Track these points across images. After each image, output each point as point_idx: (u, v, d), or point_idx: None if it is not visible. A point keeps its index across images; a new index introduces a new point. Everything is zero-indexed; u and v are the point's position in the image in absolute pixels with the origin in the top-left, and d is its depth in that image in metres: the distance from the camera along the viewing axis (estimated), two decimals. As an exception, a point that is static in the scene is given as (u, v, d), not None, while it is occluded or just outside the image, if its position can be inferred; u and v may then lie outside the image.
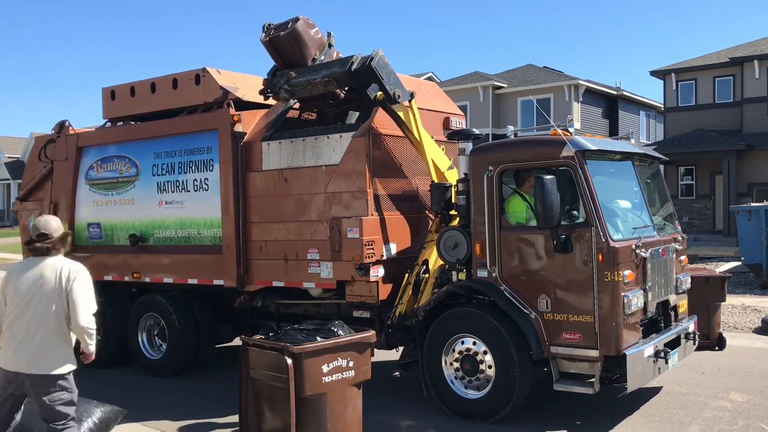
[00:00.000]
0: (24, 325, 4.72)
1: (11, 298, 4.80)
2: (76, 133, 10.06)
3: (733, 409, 7.03)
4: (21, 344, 4.71)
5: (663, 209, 7.79)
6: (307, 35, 7.94)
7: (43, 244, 4.85)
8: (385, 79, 7.28)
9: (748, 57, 26.72)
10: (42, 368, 4.72)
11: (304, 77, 7.72)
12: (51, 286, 4.75)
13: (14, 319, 4.76)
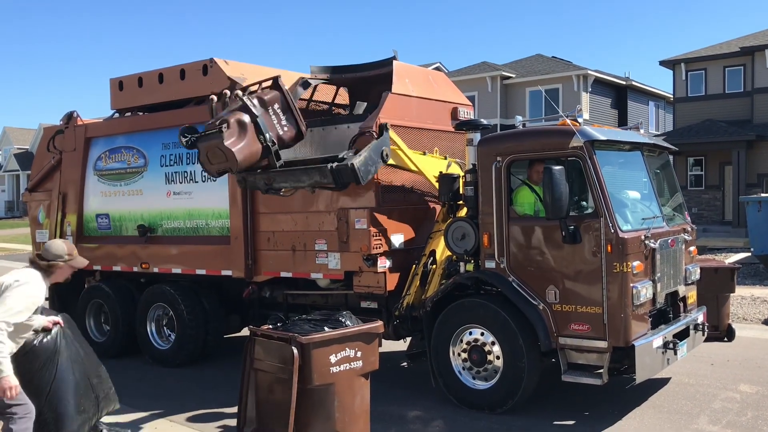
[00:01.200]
0: None
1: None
2: (84, 124, 10.09)
3: (742, 401, 7.00)
4: None
5: (672, 200, 7.75)
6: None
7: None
8: (362, 171, 6.61)
9: (760, 46, 26.49)
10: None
11: (285, 182, 7.01)
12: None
13: None
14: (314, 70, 8.90)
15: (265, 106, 6.83)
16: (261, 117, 6.73)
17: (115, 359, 9.61)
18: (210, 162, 6.74)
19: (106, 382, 5.93)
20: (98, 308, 10.00)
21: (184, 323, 8.88)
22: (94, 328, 10.07)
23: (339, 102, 9.78)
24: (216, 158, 6.66)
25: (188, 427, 6.72)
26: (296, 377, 5.10)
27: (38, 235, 10.65)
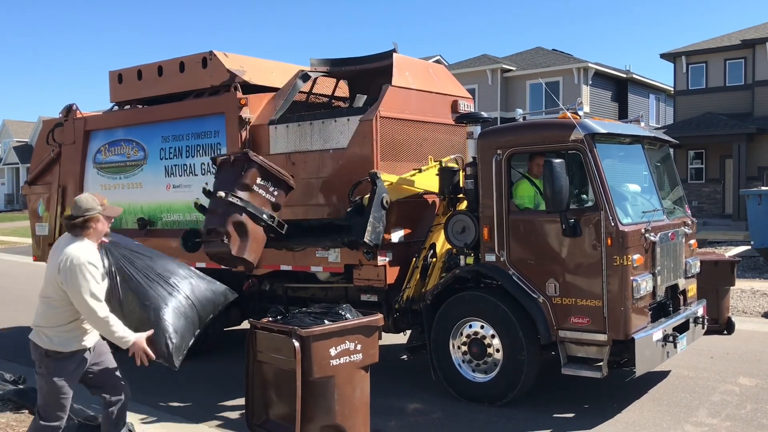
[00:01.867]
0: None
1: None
2: (83, 116, 10.07)
3: (742, 393, 7.01)
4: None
5: (672, 193, 7.74)
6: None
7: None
8: (374, 240, 6.83)
9: (760, 39, 26.44)
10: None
11: (301, 246, 7.57)
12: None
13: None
14: (314, 63, 8.88)
15: (248, 188, 6.80)
16: (251, 204, 6.76)
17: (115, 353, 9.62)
18: (224, 262, 7.11)
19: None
20: (98, 301, 9.99)
21: (184, 316, 8.87)
22: (95, 321, 10.06)
23: (339, 95, 9.78)
24: (230, 262, 7.05)
25: (189, 420, 6.73)
26: (299, 369, 5.11)
27: (38, 228, 10.65)
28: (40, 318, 4.69)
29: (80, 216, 4.64)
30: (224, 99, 8.43)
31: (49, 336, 4.64)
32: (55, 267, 4.56)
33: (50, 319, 4.62)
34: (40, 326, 4.68)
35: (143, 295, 5.02)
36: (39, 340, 4.68)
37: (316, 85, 9.36)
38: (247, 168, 6.85)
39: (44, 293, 4.66)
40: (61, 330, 4.64)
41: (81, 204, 4.69)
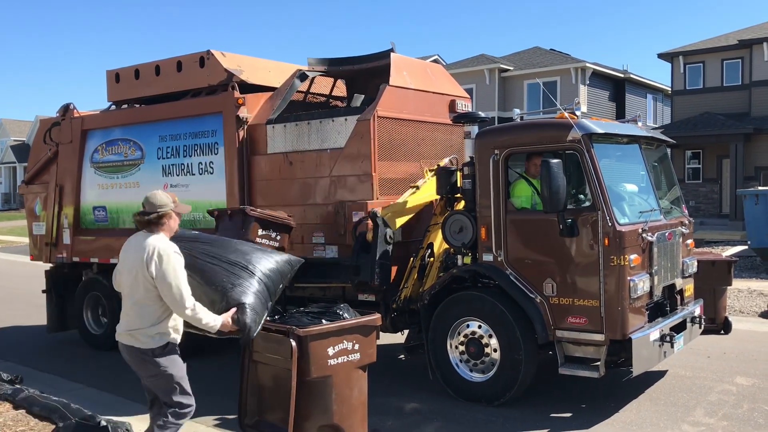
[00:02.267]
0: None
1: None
2: (80, 116, 10.06)
3: (738, 393, 7.03)
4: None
5: (670, 193, 7.75)
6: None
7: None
8: (381, 279, 7.10)
9: (758, 39, 26.48)
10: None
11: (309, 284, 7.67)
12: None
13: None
14: (312, 63, 8.88)
15: (252, 242, 6.66)
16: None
17: (113, 352, 9.60)
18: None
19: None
20: (96, 301, 9.99)
21: (181, 316, 8.86)
22: (92, 321, 10.06)
23: (336, 94, 9.78)
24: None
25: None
26: (295, 369, 5.11)
27: (35, 228, 10.64)
28: (135, 321, 4.62)
29: (154, 212, 4.66)
30: (222, 98, 8.42)
31: (150, 335, 4.61)
32: (140, 263, 4.53)
33: (146, 319, 4.59)
34: (136, 329, 4.60)
35: (211, 280, 5.08)
36: (139, 342, 4.62)
37: (313, 84, 9.36)
38: (246, 223, 6.86)
39: (134, 297, 4.61)
40: (161, 327, 4.63)
41: (155, 200, 4.71)
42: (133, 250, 4.64)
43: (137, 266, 4.55)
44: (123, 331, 4.68)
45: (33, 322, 11.77)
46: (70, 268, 10.39)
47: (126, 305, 4.69)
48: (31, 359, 9.32)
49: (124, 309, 4.71)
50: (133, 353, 4.68)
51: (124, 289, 4.71)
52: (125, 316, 4.69)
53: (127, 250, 4.75)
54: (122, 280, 4.74)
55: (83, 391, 7.74)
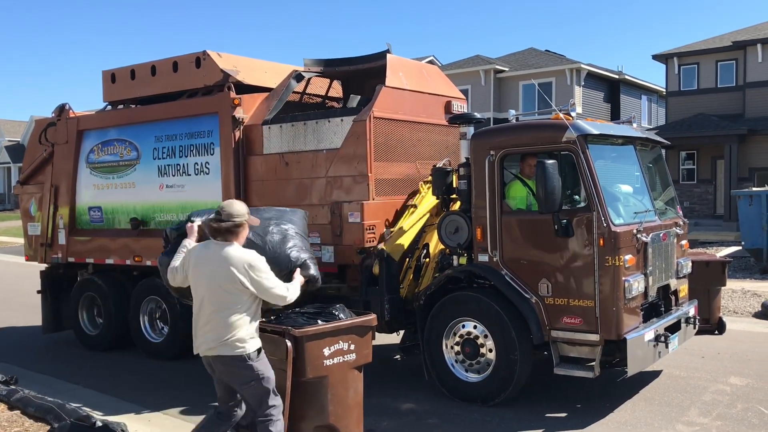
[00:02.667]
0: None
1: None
2: (76, 116, 10.05)
3: (732, 393, 7.06)
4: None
5: (664, 194, 7.78)
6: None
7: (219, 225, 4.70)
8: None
9: (752, 41, 26.57)
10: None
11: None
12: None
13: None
14: (308, 63, 8.89)
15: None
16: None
17: (108, 352, 9.62)
18: None
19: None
20: (91, 301, 9.99)
21: (177, 316, 8.87)
22: (87, 322, 10.06)
23: (332, 95, 9.79)
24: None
25: (182, 419, 6.72)
26: (290, 370, 5.12)
27: (30, 228, 10.62)
28: (224, 330, 4.62)
29: (230, 221, 4.67)
30: (218, 99, 8.42)
31: (246, 340, 4.67)
32: (226, 276, 4.57)
33: (237, 325, 4.63)
34: (229, 337, 4.62)
35: (271, 252, 5.41)
36: (236, 349, 4.65)
37: (309, 85, 9.36)
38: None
39: (218, 307, 4.62)
40: (251, 328, 4.73)
41: (232, 210, 4.72)
42: (213, 263, 4.63)
43: (221, 278, 4.59)
44: (214, 344, 4.63)
45: (28, 322, 11.75)
46: (66, 269, 10.37)
47: (204, 316, 4.67)
48: (26, 360, 9.30)
49: (204, 320, 4.67)
50: (227, 363, 4.67)
51: (201, 300, 4.68)
52: (209, 327, 4.65)
53: (202, 263, 4.71)
54: (198, 292, 4.71)
55: (78, 391, 7.74)
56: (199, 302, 4.72)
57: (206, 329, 4.67)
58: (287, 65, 9.44)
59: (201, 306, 4.71)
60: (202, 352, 4.73)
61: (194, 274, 4.77)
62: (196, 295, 4.75)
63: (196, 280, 4.76)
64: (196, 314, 4.74)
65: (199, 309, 4.72)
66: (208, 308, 4.65)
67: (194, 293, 4.77)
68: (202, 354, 4.74)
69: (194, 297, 4.78)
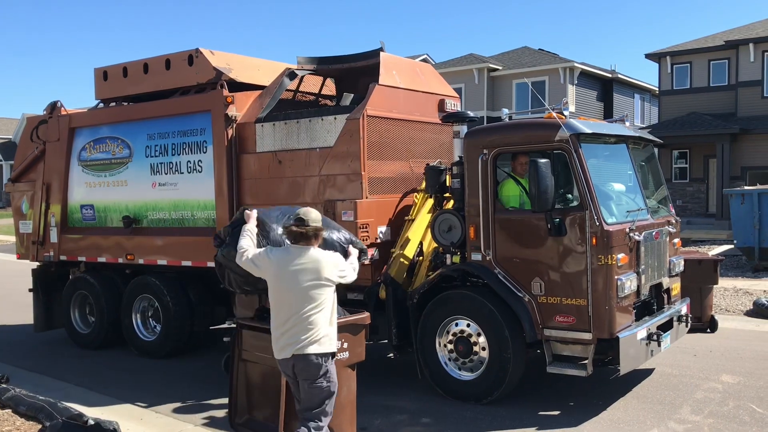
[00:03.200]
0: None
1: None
2: (68, 113, 10.00)
3: (724, 391, 7.09)
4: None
5: (657, 192, 7.80)
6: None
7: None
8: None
9: (744, 40, 26.65)
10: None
11: None
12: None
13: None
14: (301, 61, 8.87)
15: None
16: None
17: (100, 351, 9.58)
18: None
19: None
20: (83, 299, 9.95)
21: (169, 315, 8.85)
22: (79, 320, 10.02)
23: (326, 93, 9.77)
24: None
25: (174, 418, 6.71)
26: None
27: (21, 226, 10.57)
28: (319, 328, 4.78)
29: (310, 227, 4.90)
30: (210, 97, 8.40)
31: (333, 337, 4.89)
32: (316, 276, 4.80)
33: (331, 320, 4.89)
34: (323, 335, 4.80)
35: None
36: (329, 346, 4.84)
37: (303, 83, 9.35)
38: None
39: (310, 305, 4.76)
40: (333, 329, 4.94)
41: (312, 216, 4.98)
42: (299, 265, 4.81)
43: (310, 279, 4.78)
44: (302, 343, 4.73)
45: (19, 321, 11.69)
46: (57, 267, 10.33)
47: (291, 318, 4.76)
48: (17, 358, 9.26)
49: (291, 322, 4.76)
50: (310, 361, 4.76)
51: (285, 303, 4.79)
52: (297, 328, 4.75)
53: (286, 266, 4.84)
54: (283, 296, 4.82)
55: (70, 390, 7.71)
56: (283, 305, 4.82)
57: (294, 330, 4.76)
58: (280, 63, 9.42)
59: (285, 308, 4.80)
60: (288, 353, 4.78)
61: (277, 278, 4.87)
62: (280, 297, 4.85)
63: (279, 284, 4.86)
64: (281, 317, 4.83)
65: (284, 311, 4.81)
66: (294, 309, 4.77)
67: (276, 296, 4.88)
68: (289, 355, 4.78)
69: (276, 300, 4.87)
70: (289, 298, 4.79)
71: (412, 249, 7.36)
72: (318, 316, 4.78)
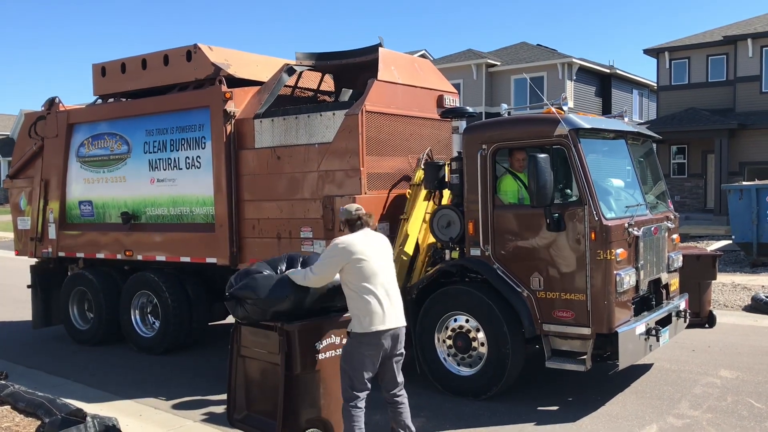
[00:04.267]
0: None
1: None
2: (66, 109, 9.98)
3: (723, 386, 7.10)
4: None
5: (655, 188, 7.80)
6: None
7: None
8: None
9: (742, 36, 26.64)
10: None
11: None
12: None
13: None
14: (299, 57, 8.86)
15: None
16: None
17: (99, 347, 9.58)
18: None
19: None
20: (82, 296, 9.94)
21: (168, 311, 8.85)
22: (78, 316, 10.01)
23: (324, 89, 9.76)
24: None
25: (174, 414, 6.71)
26: (283, 364, 5.11)
27: (20, 222, 10.55)
28: (401, 302, 5.19)
29: (355, 216, 5.22)
30: (209, 92, 8.38)
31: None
32: (389, 253, 5.28)
33: (401, 297, 5.25)
34: (402, 308, 5.20)
35: None
36: (405, 320, 5.22)
37: (301, 79, 9.34)
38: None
39: (393, 282, 5.16)
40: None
41: (351, 208, 5.28)
42: (380, 244, 5.23)
43: (389, 257, 5.26)
44: (400, 314, 5.13)
45: (18, 317, 11.69)
46: (56, 263, 10.32)
47: (385, 292, 5.03)
48: (16, 355, 9.26)
49: (386, 298, 5.02)
50: (402, 334, 5.15)
51: (380, 278, 5.05)
52: (393, 302, 5.07)
53: (373, 245, 5.15)
54: (376, 273, 5.03)
55: (69, 386, 7.71)
56: (377, 281, 5.02)
57: (394, 304, 5.07)
58: (279, 59, 9.40)
59: (381, 284, 5.03)
60: (395, 324, 5.05)
61: (367, 256, 5.04)
62: (374, 273, 5.02)
63: (370, 260, 5.04)
64: (381, 290, 5.01)
65: (380, 287, 5.03)
66: (387, 286, 5.08)
67: (368, 272, 5.00)
68: (395, 326, 5.06)
69: (367, 276, 5.00)
70: (381, 274, 5.04)
71: (410, 247, 7.35)
72: (397, 291, 5.17)
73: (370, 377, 5.08)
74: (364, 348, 4.99)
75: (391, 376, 5.16)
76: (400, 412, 5.16)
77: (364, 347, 4.99)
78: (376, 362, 5.04)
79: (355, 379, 5.03)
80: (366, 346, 4.99)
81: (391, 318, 5.01)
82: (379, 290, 5.00)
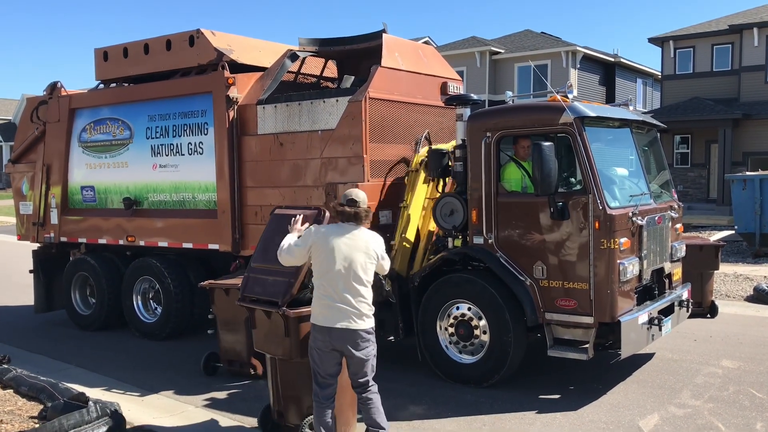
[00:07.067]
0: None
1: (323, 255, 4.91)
2: (68, 94, 9.95)
3: (724, 376, 7.10)
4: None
5: (660, 177, 7.77)
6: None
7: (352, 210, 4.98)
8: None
9: (748, 25, 26.49)
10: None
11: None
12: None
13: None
14: (303, 43, 8.81)
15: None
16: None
17: (101, 332, 9.60)
18: None
19: None
20: (84, 281, 9.95)
21: (170, 297, 8.86)
22: (80, 301, 10.03)
23: (327, 75, 9.71)
24: None
25: (175, 399, 6.73)
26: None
27: (22, 207, 10.55)
28: (364, 305, 4.88)
29: (362, 207, 5.00)
30: (211, 78, 8.34)
31: (371, 314, 4.95)
32: (365, 253, 4.90)
33: (369, 299, 4.94)
34: (365, 313, 4.89)
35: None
36: (368, 323, 4.92)
37: (304, 65, 9.28)
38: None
39: (358, 281, 4.85)
40: (371, 307, 5.00)
41: (362, 197, 5.06)
42: (350, 242, 4.89)
43: (360, 256, 4.87)
44: (349, 317, 4.81)
45: (20, 302, 11.71)
46: (58, 248, 10.33)
47: (339, 292, 4.81)
48: (18, 339, 9.28)
49: (339, 296, 4.81)
50: (354, 336, 4.84)
51: (333, 275, 4.82)
52: (344, 302, 4.81)
53: (337, 239, 4.88)
54: (330, 267, 4.82)
55: (71, 371, 7.73)
56: (330, 277, 4.83)
57: (341, 305, 4.81)
58: (282, 44, 9.35)
59: (333, 280, 4.82)
60: (335, 324, 4.82)
61: (327, 250, 4.85)
62: (328, 269, 4.84)
63: (328, 256, 4.84)
64: (327, 288, 4.84)
65: (331, 283, 4.83)
66: (343, 284, 4.82)
67: (323, 267, 4.86)
68: (335, 326, 4.82)
69: (321, 270, 4.87)
70: (338, 271, 4.81)
71: (411, 233, 7.33)
72: (363, 293, 4.86)
73: (327, 372, 4.95)
74: (312, 339, 4.95)
75: (352, 373, 5.00)
76: (368, 408, 5.00)
77: (312, 337, 4.95)
78: (322, 356, 4.91)
79: (315, 372, 4.97)
80: (312, 337, 4.94)
81: (334, 317, 4.81)
82: (329, 287, 4.83)
